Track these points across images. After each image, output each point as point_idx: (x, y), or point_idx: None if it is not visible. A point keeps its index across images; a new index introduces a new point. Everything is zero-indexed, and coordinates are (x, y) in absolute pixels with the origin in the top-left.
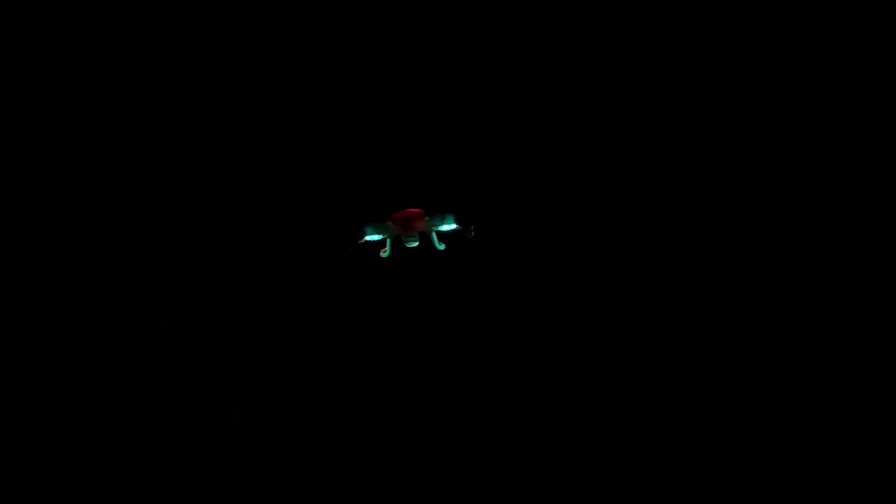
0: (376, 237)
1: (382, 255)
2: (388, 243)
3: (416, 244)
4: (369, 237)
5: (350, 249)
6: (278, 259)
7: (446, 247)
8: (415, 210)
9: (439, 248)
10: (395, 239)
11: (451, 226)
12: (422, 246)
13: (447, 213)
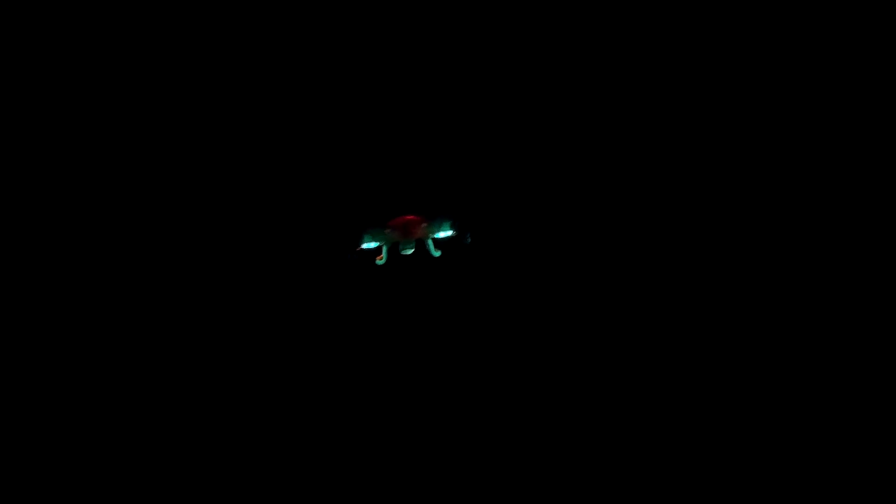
0: (373, 244)
1: (378, 262)
2: (385, 251)
3: (412, 251)
4: (366, 245)
5: (349, 257)
6: (274, 267)
7: (442, 253)
8: (413, 217)
9: (435, 255)
10: (391, 246)
11: (447, 232)
12: (418, 253)
13: (444, 220)
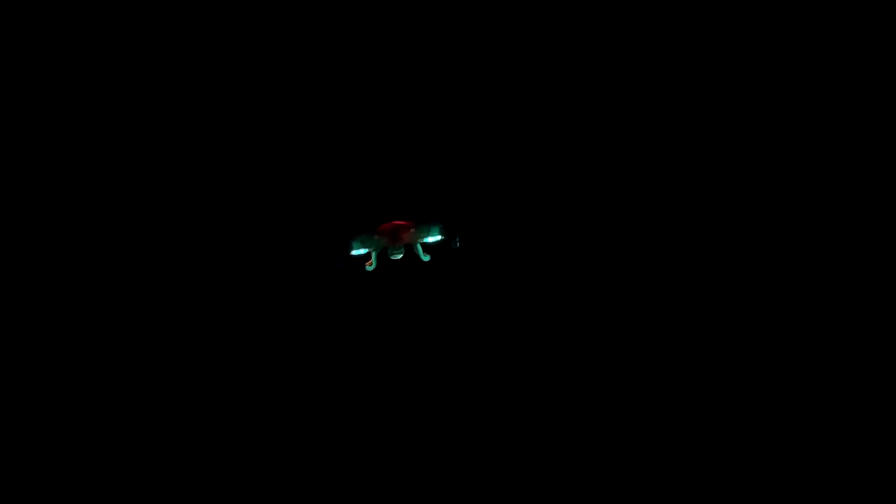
0: (362, 251)
1: (368, 268)
2: (374, 256)
3: (400, 256)
4: (355, 252)
5: (338, 264)
6: (263, 273)
7: (431, 258)
8: (402, 222)
9: (424, 259)
10: (380, 252)
11: (436, 237)
12: (407, 258)
13: (433, 225)
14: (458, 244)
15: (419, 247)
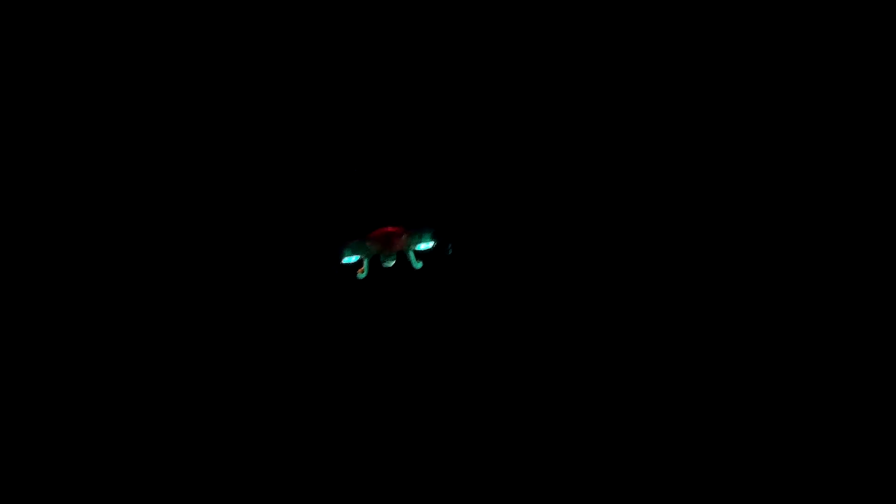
0: (354, 258)
1: (360, 276)
2: (366, 264)
3: (392, 263)
4: (347, 259)
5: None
6: (254, 282)
7: (423, 265)
8: (394, 228)
9: (416, 266)
10: (371, 259)
11: (429, 243)
12: (399, 265)
13: (425, 231)
14: (452, 250)
15: (412, 254)
